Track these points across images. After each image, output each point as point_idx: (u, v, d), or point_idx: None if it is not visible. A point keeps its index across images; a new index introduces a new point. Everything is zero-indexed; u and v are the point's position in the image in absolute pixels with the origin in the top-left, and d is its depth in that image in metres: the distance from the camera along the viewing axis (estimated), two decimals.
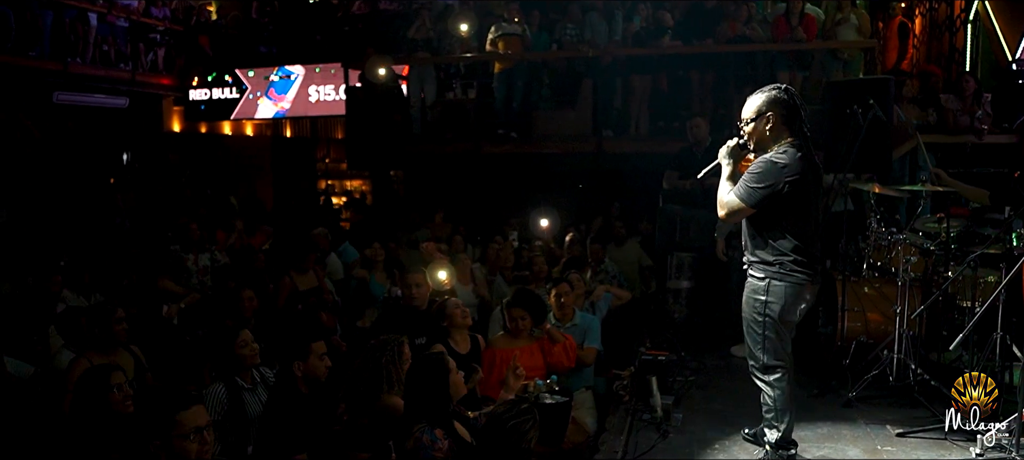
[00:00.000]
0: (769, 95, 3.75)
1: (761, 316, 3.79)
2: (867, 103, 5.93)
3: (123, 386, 3.47)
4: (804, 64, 9.46)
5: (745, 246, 3.90)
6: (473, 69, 10.31)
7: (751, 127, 3.76)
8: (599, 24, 9.59)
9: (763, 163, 3.66)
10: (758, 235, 3.79)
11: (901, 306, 5.18)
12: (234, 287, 5.21)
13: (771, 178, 3.63)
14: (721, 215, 3.76)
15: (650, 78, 9.39)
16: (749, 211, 3.69)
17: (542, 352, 4.97)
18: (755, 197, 3.66)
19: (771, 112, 3.71)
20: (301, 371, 3.85)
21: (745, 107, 3.81)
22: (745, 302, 3.89)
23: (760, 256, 3.78)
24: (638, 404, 4.84)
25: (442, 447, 3.35)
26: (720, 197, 3.78)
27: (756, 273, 3.82)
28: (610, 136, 9.39)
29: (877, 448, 4.39)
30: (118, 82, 12.79)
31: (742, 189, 3.67)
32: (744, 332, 3.95)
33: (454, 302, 4.80)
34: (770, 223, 3.74)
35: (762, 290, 3.78)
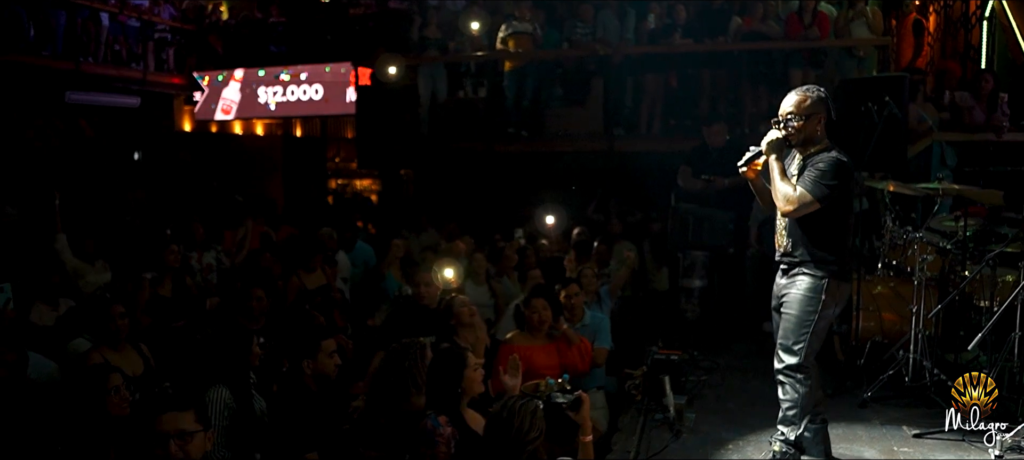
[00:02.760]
0: (819, 94, 3.79)
1: (814, 314, 3.75)
2: (883, 101, 5.88)
3: (120, 389, 3.44)
4: (817, 62, 9.37)
5: (790, 243, 3.83)
6: (484, 68, 10.27)
7: (802, 124, 3.75)
8: (611, 22, 9.54)
9: (833, 161, 3.68)
10: (817, 232, 3.75)
11: (917, 306, 5.12)
12: (242, 286, 5.18)
13: (842, 176, 3.68)
14: (787, 210, 3.71)
15: (661, 77, 9.32)
16: (816, 207, 3.66)
17: (558, 352, 4.93)
18: (826, 194, 3.65)
19: (821, 113, 3.76)
20: (310, 369, 3.83)
21: (791, 103, 3.80)
22: (794, 301, 3.80)
23: (818, 254, 3.74)
24: (651, 404, 4.80)
25: (444, 434, 3.43)
26: (782, 191, 3.72)
27: (811, 271, 3.76)
28: (621, 135, 9.33)
29: (893, 449, 4.34)
30: (130, 81, 12.85)
31: (813, 185, 3.66)
32: (780, 330, 3.87)
33: (461, 300, 4.76)
34: (832, 221, 3.74)
35: (820, 289, 3.74)
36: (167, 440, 2.67)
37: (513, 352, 4.77)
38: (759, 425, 4.59)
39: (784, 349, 3.82)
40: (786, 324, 3.82)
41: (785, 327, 3.83)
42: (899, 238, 5.76)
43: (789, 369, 3.82)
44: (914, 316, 5.13)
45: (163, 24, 13.64)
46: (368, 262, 7.35)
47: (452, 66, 10.33)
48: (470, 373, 3.69)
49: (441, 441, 3.39)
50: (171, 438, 2.68)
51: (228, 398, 3.87)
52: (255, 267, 6.79)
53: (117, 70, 12.59)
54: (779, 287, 3.94)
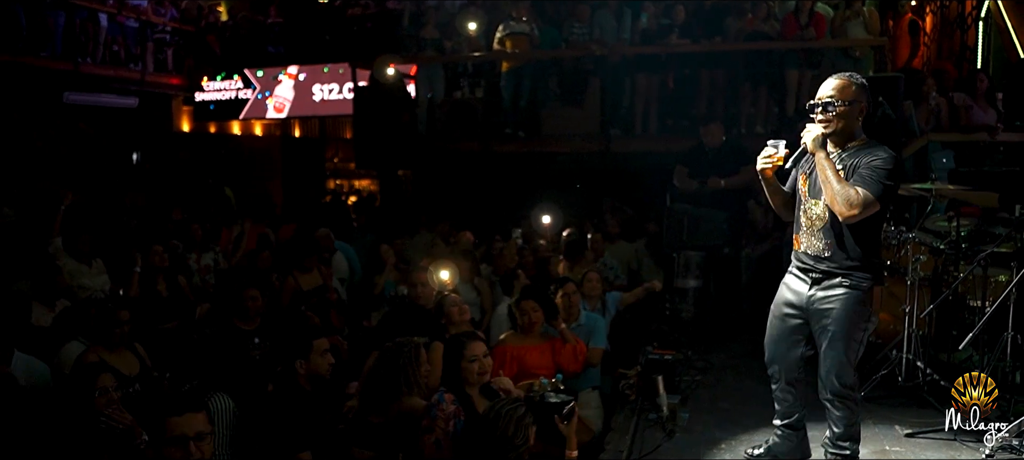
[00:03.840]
0: (860, 81, 3.42)
1: (867, 326, 3.48)
2: (877, 101, 5.90)
3: (109, 390, 3.46)
4: (814, 62, 9.40)
5: (830, 248, 3.43)
6: (481, 68, 10.29)
7: (844, 110, 3.36)
8: (608, 22, 9.56)
9: (891, 157, 3.31)
10: (864, 236, 3.40)
11: (910, 305, 5.14)
12: (238, 287, 5.20)
13: (899, 175, 3.35)
14: (849, 213, 3.25)
15: (658, 77, 9.34)
16: (877, 208, 3.29)
17: (552, 352, 4.94)
18: (885, 193, 3.29)
19: (864, 103, 3.41)
20: (304, 369, 3.85)
21: (832, 87, 3.41)
22: (842, 318, 3.42)
23: (864, 260, 3.40)
24: (644, 403, 4.81)
25: (446, 411, 3.51)
26: (842, 193, 3.26)
27: (857, 280, 3.41)
28: (618, 135, 9.35)
29: (886, 449, 4.35)
30: (128, 82, 12.87)
31: (874, 185, 3.25)
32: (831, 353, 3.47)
33: (451, 300, 4.78)
34: (877, 223, 3.46)
35: (867, 300, 3.44)
36: (186, 442, 2.74)
37: (507, 353, 4.81)
38: (753, 425, 4.60)
39: (838, 371, 3.46)
40: (836, 344, 3.43)
41: (836, 348, 3.44)
42: (893, 238, 5.77)
43: (845, 388, 3.50)
44: (907, 316, 5.15)
45: (162, 25, 13.66)
46: (352, 262, 7.37)
47: (449, 66, 10.35)
48: (466, 364, 3.71)
49: (440, 415, 3.48)
50: (190, 440, 2.75)
51: (230, 405, 3.89)
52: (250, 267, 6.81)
53: (115, 71, 12.61)
54: (806, 298, 3.52)
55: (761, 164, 3.50)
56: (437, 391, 3.68)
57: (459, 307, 4.78)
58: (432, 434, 3.43)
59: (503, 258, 6.78)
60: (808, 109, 3.43)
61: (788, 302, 3.60)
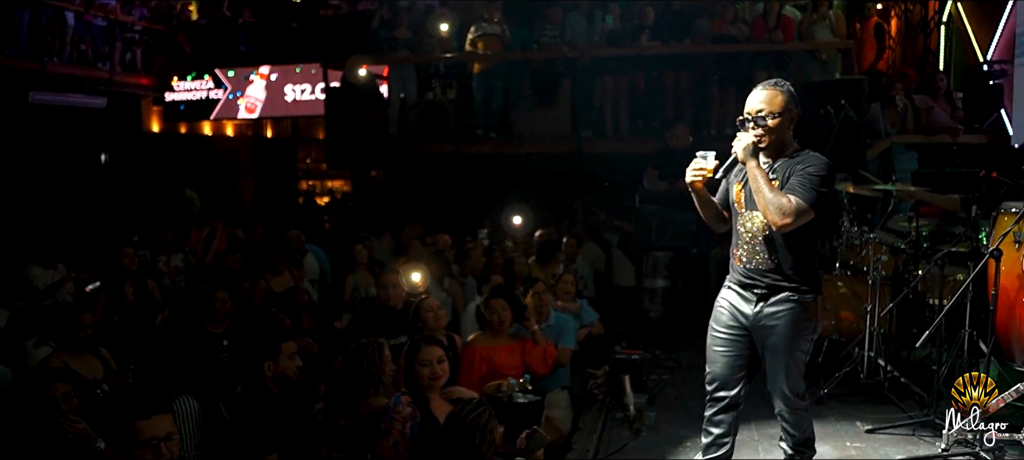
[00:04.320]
0: (789, 90, 3.31)
1: (812, 338, 3.38)
2: (839, 104, 6.02)
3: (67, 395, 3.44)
4: (782, 65, 9.53)
5: (771, 261, 3.30)
6: (453, 69, 10.31)
7: (776, 122, 3.24)
8: (579, 24, 9.63)
9: (824, 163, 3.22)
10: (803, 246, 3.28)
11: (871, 304, 5.24)
12: (206, 289, 5.17)
13: (833, 181, 3.25)
14: (783, 222, 3.12)
15: (629, 78, 9.42)
16: (811, 216, 3.16)
17: (521, 352, 4.97)
18: (819, 200, 3.17)
19: (794, 111, 3.30)
20: (271, 371, 3.84)
21: (759, 100, 3.28)
22: (787, 333, 3.30)
23: (805, 271, 3.30)
24: (612, 403, 4.87)
25: (401, 413, 3.50)
26: (775, 201, 3.14)
27: (801, 293, 3.29)
28: (589, 136, 9.41)
29: (846, 445, 4.44)
30: (96, 82, 12.72)
31: (807, 192, 3.13)
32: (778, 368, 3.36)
33: (428, 305, 4.77)
34: (815, 231, 3.32)
35: (812, 312, 3.33)
36: (155, 444, 2.78)
37: (475, 353, 4.83)
38: None
39: (790, 385, 3.36)
40: (786, 358, 3.32)
41: (786, 361, 3.33)
42: (855, 238, 5.89)
43: (798, 398, 3.40)
44: (869, 314, 5.25)
45: (131, 23, 13.51)
46: (323, 265, 7.36)
47: (421, 68, 10.35)
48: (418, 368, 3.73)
49: (397, 418, 3.48)
50: (160, 442, 2.79)
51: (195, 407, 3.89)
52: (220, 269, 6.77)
53: (83, 70, 12.46)
54: (750, 313, 3.37)
55: (690, 176, 3.35)
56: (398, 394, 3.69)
57: (435, 313, 4.74)
58: (390, 437, 3.45)
59: (470, 258, 6.79)
60: (739, 123, 3.33)
61: (732, 318, 3.44)
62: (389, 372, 3.89)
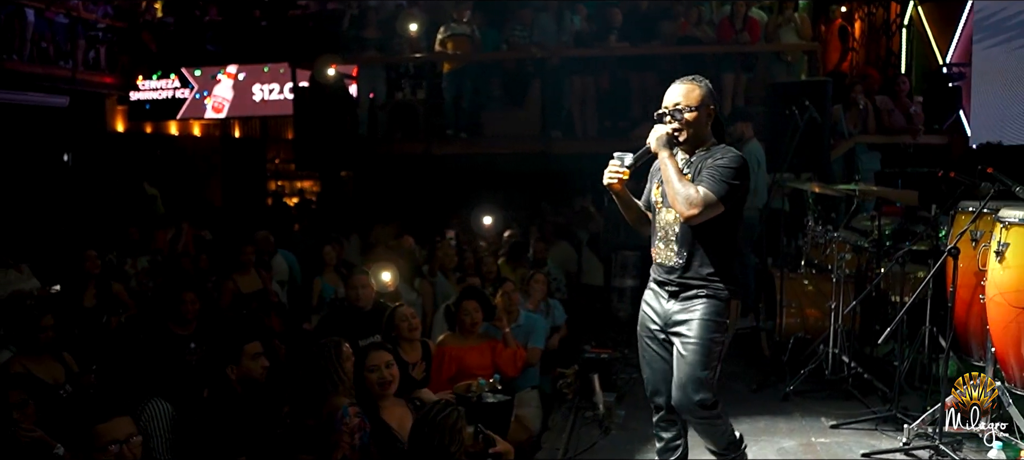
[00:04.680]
0: (707, 85, 3.28)
1: (722, 341, 3.21)
2: (804, 105, 6.11)
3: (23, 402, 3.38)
4: (748, 66, 9.67)
5: (685, 258, 3.21)
6: (422, 69, 10.30)
7: (693, 116, 3.19)
8: (548, 25, 9.66)
9: (735, 156, 3.16)
10: (719, 244, 3.19)
11: (836, 302, 5.34)
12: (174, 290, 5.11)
13: (745, 175, 3.17)
14: (689, 213, 3.07)
15: (596, 79, 9.48)
16: (720, 209, 3.09)
17: (492, 353, 4.98)
18: (730, 193, 3.10)
19: (712, 105, 3.26)
20: (235, 374, 3.81)
21: (677, 94, 3.24)
22: (697, 327, 3.18)
23: (720, 270, 3.19)
24: (581, 402, 4.90)
25: (350, 424, 3.45)
26: (683, 192, 3.08)
27: (714, 291, 3.18)
28: (558, 136, 9.46)
29: (811, 440, 4.52)
30: (58, 80, 12.46)
31: (716, 184, 3.08)
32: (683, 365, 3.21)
33: (402, 314, 4.70)
34: (732, 230, 3.24)
35: (724, 310, 3.19)
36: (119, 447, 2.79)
37: (445, 354, 4.84)
38: None
39: (693, 386, 3.17)
40: (691, 357, 3.18)
41: (690, 360, 3.18)
42: (820, 237, 6.00)
43: (702, 407, 3.19)
44: (833, 312, 5.35)
45: (93, 21, 13.28)
46: (293, 268, 7.31)
47: (391, 68, 10.33)
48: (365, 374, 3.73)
49: (344, 429, 3.43)
50: (122, 444, 2.80)
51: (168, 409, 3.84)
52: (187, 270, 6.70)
53: (44, 68, 12.19)
54: (665, 312, 3.28)
55: (607, 178, 3.26)
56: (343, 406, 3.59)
57: (409, 322, 4.66)
58: (339, 450, 3.40)
59: (436, 259, 6.78)
60: (656, 118, 3.26)
61: (652, 321, 3.36)
62: (350, 370, 3.85)
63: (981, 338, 4.37)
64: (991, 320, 4.10)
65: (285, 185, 16.23)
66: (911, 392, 5.02)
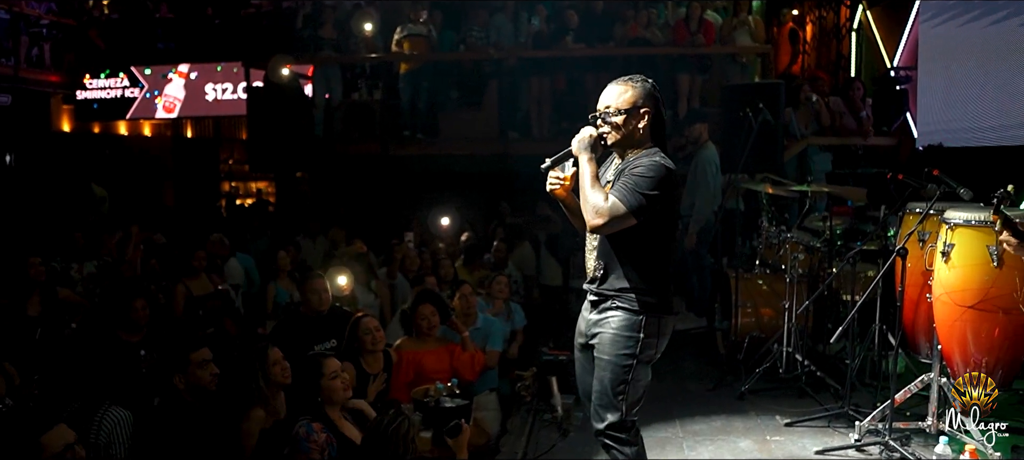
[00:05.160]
0: (645, 87, 3.07)
1: (632, 360, 2.99)
2: (758, 107, 6.21)
3: None
4: (704, 67, 9.79)
5: (601, 269, 3.07)
6: (379, 70, 10.22)
7: (622, 119, 3.02)
8: (505, 26, 9.67)
9: (654, 165, 2.93)
10: (634, 256, 3.01)
11: (789, 301, 5.43)
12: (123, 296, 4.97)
13: (665, 185, 2.93)
14: (595, 222, 2.91)
15: (552, 79, 9.51)
16: (631, 221, 2.89)
17: (450, 357, 4.94)
18: (642, 204, 2.89)
19: (647, 109, 3.04)
20: (182, 384, 3.70)
21: (611, 95, 3.08)
22: (607, 344, 3.03)
23: (634, 283, 3.00)
24: (540, 404, 4.89)
25: (318, 440, 3.39)
26: (592, 200, 2.92)
27: (627, 305, 3.00)
28: (516, 137, 9.47)
29: (766, 439, 4.59)
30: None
31: (628, 193, 2.88)
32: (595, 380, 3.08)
33: (365, 327, 4.59)
34: (652, 242, 3.01)
35: (636, 326, 2.99)
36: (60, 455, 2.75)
37: (403, 358, 4.79)
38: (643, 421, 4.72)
39: (602, 405, 3.05)
40: (601, 373, 3.04)
41: (600, 377, 3.05)
42: (774, 238, 6.09)
43: (611, 429, 3.04)
44: (787, 311, 5.44)
45: (36, 17, 12.88)
46: (250, 272, 7.19)
47: (347, 68, 10.22)
48: (327, 382, 3.68)
49: (314, 447, 3.39)
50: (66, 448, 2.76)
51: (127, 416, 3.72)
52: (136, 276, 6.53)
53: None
54: (587, 322, 3.16)
55: (549, 186, 3.13)
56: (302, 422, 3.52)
57: (373, 335, 4.56)
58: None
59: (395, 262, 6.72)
60: (590, 119, 3.10)
61: (578, 331, 3.23)
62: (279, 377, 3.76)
63: (928, 336, 4.48)
64: (938, 319, 4.21)
65: (239, 186, 15.95)
66: (862, 388, 5.13)
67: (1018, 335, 4.02)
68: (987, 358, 4.04)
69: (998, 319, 3.98)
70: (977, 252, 3.95)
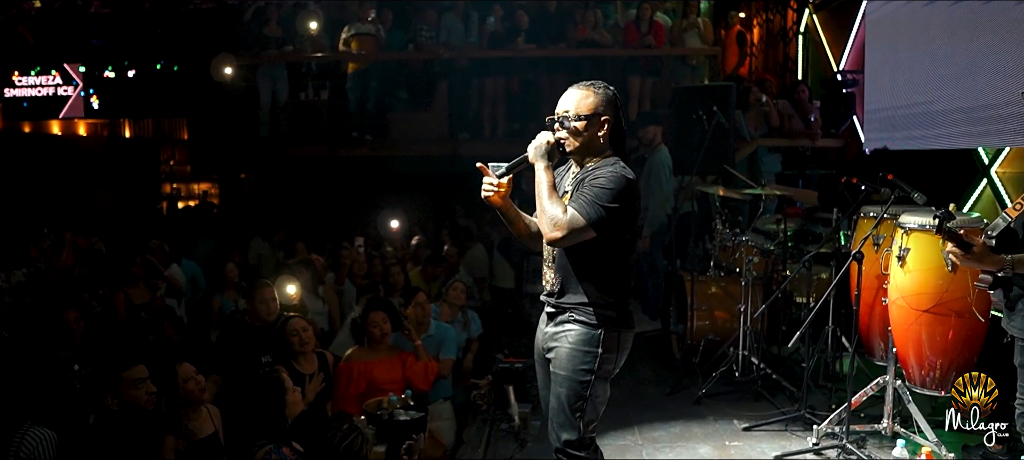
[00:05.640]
0: (607, 94, 2.96)
1: (590, 375, 2.86)
2: (711, 109, 6.21)
3: None
4: (654, 70, 9.82)
5: (558, 282, 2.93)
6: (326, 69, 9.99)
7: (582, 125, 2.89)
8: (455, 25, 9.54)
9: (616, 176, 2.80)
10: (592, 269, 2.88)
11: (744, 304, 5.43)
12: (54, 308, 4.69)
13: (626, 197, 2.80)
14: (554, 237, 2.76)
15: (505, 80, 9.43)
16: (590, 235, 2.76)
17: (403, 366, 4.79)
18: (603, 218, 2.75)
19: (608, 116, 2.93)
20: (115, 405, 3.46)
21: (571, 100, 2.95)
22: (564, 359, 2.89)
23: (593, 297, 2.87)
24: (496, 413, 4.80)
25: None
26: (550, 212, 2.77)
27: (584, 319, 2.87)
28: (466, 138, 9.36)
29: (725, 444, 4.56)
30: None
31: (588, 206, 2.75)
32: (552, 396, 2.95)
33: (292, 328, 4.41)
34: (611, 254, 2.88)
35: (594, 340, 2.86)
36: None
37: (353, 369, 4.63)
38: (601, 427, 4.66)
39: (558, 422, 2.91)
40: (557, 389, 2.91)
41: (557, 393, 2.91)
42: (728, 240, 6.09)
43: (570, 447, 2.91)
44: (742, 314, 5.44)
45: None
46: (196, 278, 6.92)
47: (293, 67, 9.96)
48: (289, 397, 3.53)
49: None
50: None
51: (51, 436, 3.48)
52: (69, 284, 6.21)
53: None
54: (544, 335, 3.02)
55: (484, 192, 2.98)
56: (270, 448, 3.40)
57: (300, 336, 4.37)
58: None
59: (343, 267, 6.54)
60: (548, 123, 2.98)
61: (537, 344, 3.10)
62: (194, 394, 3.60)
63: (883, 338, 4.51)
64: (893, 322, 4.23)
65: (181, 188, 15.49)
66: (816, 390, 5.15)
67: (970, 337, 4.06)
68: (941, 360, 4.07)
69: (952, 322, 4.01)
70: (932, 257, 3.97)
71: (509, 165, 2.94)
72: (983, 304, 3.94)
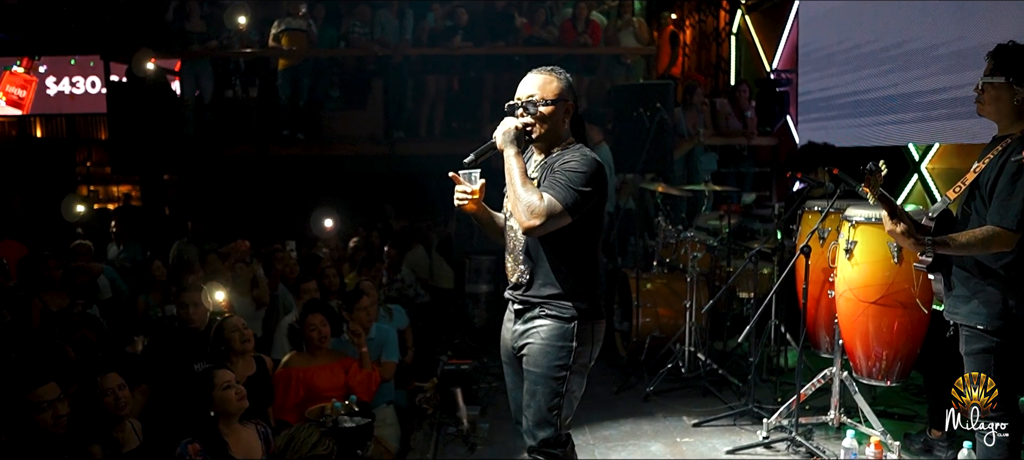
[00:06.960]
0: (568, 79, 2.90)
1: (565, 371, 2.75)
2: (653, 106, 6.20)
3: None
4: (591, 68, 9.82)
5: (528, 274, 2.81)
6: (255, 66, 9.64)
7: (549, 110, 2.80)
8: (390, 22, 9.33)
9: (588, 160, 2.73)
10: (566, 258, 2.77)
11: (690, 301, 5.42)
12: None
13: (599, 180, 2.72)
14: (530, 223, 2.64)
15: (444, 78, 9.28)
16: (567, 220, 2.66)
17: (344, 372, 4.56)
18: (579, 202, 2.66)
19: (570, 101, 2.86)
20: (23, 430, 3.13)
21: (534, 85, 2.85)
22: (538, 355, 2.77)
23: (567, 288, 2.76)
24: (443, 417, 4.65)
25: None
26: (525, 199, 2.66)
27: (558, 312, 2.76)
28: (402, 137, 9.16)
29: (676, 441, 4.52)
30: None
31: (563, 190, 2.65)
32: (525, 396, 2.84)
33: (231, 325, 4.18)
34: (584, 242, 2.80)
35: (568, 334, 2.75)
36: None
37: (292, 375, 4.40)
38: None
39: (534, 421, 2.79)
40: (532, 387, 2.79)
41: (532, 391, 2.79)
42: (672, 237, 6.09)
43: (546, 445, 2.79)
44: (688, 311, 5.43)
45: None
46: (115, 282, 6.54)
47: (219, 63, 9.57)
48: (220, 393, 3.32)
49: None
50: None
51: None
52: None
53: None
54: (512, 333, 2.89)
55: (457, 200, 2.88)
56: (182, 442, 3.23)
57: (241, 333, 4.17)
58: None
59: (276, 270, 6.27)
60: (507, 110, 2.89)
61: (505, 343, 2.98)
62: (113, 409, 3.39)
63: (829, 331, 4.56)
64: (841, 314, 4.26)
65: (99, 190, 14.78)
66: (761, 384, 5.18)
67: (915, 328, 4.12)
68: (887, 351, 4.12)
69: (897, 313, 4.06)
70: (879, 249, 4.01)
71: (476, 153, 2.83)
72: (926, 295, 4.00)
